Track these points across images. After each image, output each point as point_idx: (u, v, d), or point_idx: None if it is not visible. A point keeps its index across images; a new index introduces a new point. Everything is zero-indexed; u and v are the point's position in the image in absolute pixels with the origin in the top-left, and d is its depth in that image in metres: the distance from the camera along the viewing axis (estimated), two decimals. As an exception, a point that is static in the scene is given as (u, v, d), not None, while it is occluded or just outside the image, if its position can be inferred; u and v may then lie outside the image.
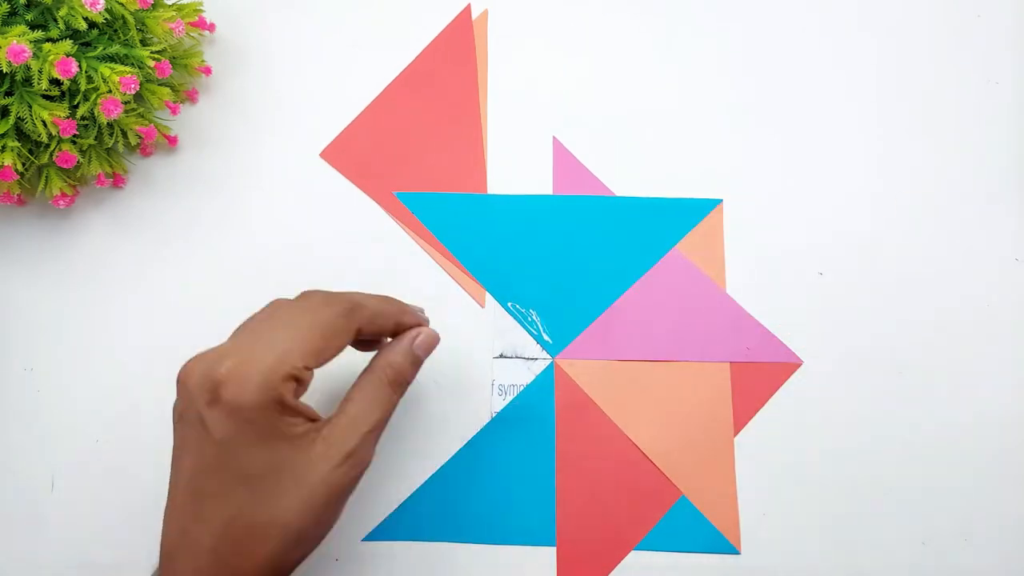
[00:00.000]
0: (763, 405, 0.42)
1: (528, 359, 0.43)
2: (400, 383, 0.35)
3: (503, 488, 0.41)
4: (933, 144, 0.47)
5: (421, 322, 0.36)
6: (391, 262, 0.45)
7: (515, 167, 0.46)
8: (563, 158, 0.46)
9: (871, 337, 0.44)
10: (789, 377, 0.43)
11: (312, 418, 0.32)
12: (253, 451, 0.30)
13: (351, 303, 0.33)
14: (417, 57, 0.48)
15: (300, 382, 0.31)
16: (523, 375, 0.43)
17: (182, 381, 0.31)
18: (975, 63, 0.48)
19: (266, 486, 0.30)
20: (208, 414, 0.29)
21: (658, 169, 0.46)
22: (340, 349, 0.32)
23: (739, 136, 0.47)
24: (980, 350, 0.43)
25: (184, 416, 0.31)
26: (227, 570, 0.30)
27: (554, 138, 0.47)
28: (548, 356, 0.43)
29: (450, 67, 0.48)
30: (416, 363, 0.35)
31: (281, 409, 0.30)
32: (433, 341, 0.36)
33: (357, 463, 0.32)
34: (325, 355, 0.32)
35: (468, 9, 0.49)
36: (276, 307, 0.33)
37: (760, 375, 0.43)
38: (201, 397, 0.29)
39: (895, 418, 0.42)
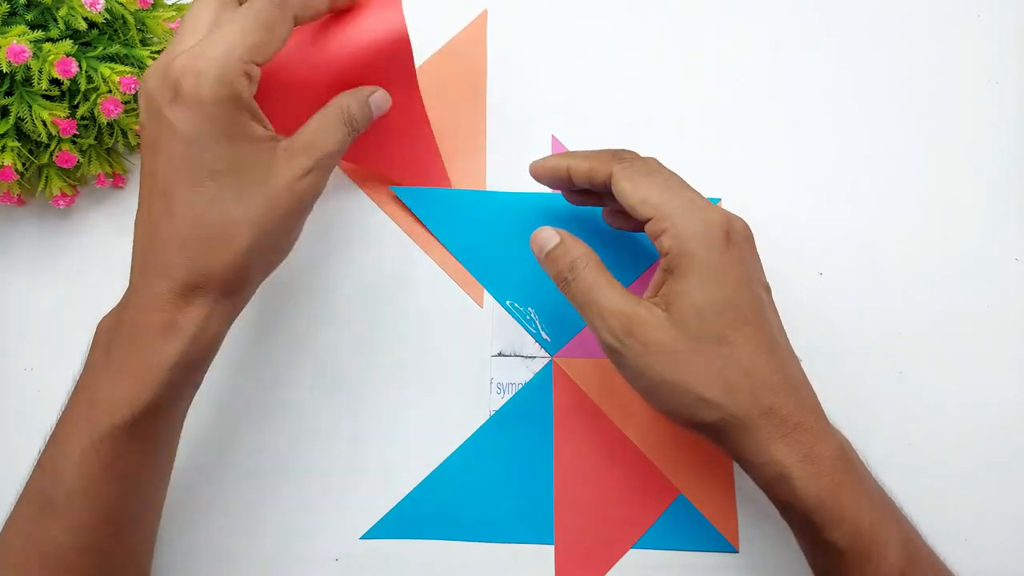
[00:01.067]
0: (763, 405, 0.42)
1: (526, 357, 0.43)
2: (352, 125, 0.36)
3: (501, 486, 0.41)
4: (933, 144, 0.47)
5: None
6: (388, 259, 0.45)
7: (515, 168, 0.46)
8: None
9: (871, 337, 0.44)
10: (789, 377, 0.43)
11: (268, 128, 0.34)
12: (218, 147, 0.31)
13: None
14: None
15: (251, 78, 0.32)
16: (521, 373, 0.43)
17: (142, 88, 0.32)
18: (975, 63, 0.48)
19: (233, 182, 0.31)
20: (171, 112, 0.30)
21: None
22: (282, 40, 0.33)
23: (739, 136, 0.47)
24: (980, 350, 0.43)
25: (148, 122, 0.32)
26: (196, 266, 0.31)
27: (552, 136, 0.47)
28: (547, 354, 0.43)
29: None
30: (367, 116, 0.37)
31: (239, 105, 0.31)
32: (386, 102, 0.38)
33: (314, 181, 0.34)
34: (269, 47, 0.32)
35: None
36: (206, 5, 0.34)
37: (760, 375, 0.43)
38: (163, 97, 0.31)
39: (895, 418, 0.42)
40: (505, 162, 0.46)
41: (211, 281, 0.32)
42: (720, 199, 0.45)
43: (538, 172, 0.39)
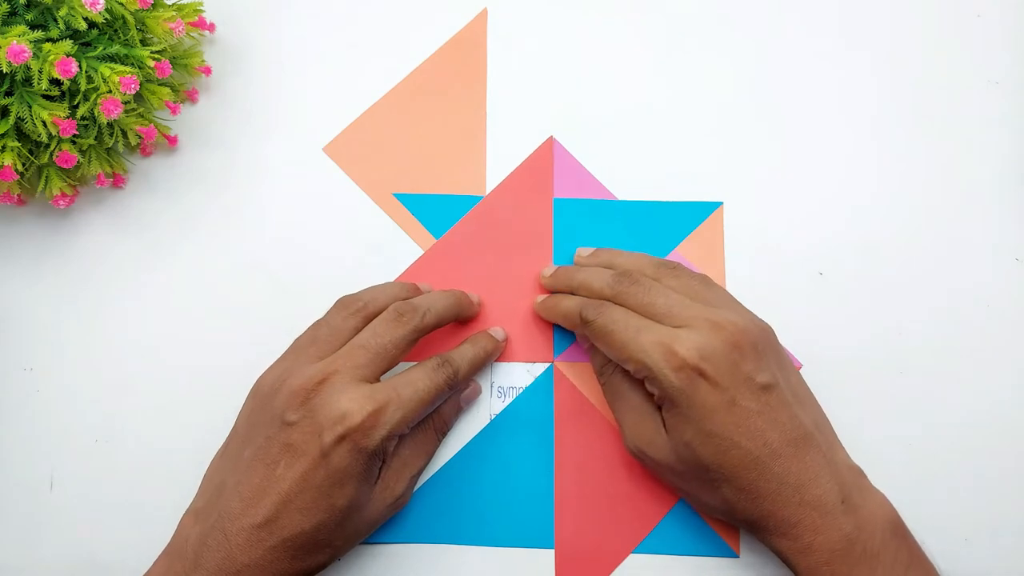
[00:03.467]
0: (763, 405, 0.42)
1: (527, 362, 0.43)
2: (444, 431, 0.41)
3: (502, 490, 0.41)
4: (933, 144, 0.47)
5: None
6: (391, 263, 0.45)
7: (513, 168, 0.46)
8: (564, 161, 0.46)
9: (871, 337, 0.44)
10: (789, 377, 0.43)
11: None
12: (347, 487, 0.35)
13: (454, 372, 0.38)
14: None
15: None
16: (522, 377, 0.43)
17: (313, 407, 0.35)
18: (975, 63, 0.48)
19: (342, 518, 0.35)
20: (332, 447, 0.34)
21: (658, 172, 0.46)
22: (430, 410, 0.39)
23: (739, 138, 0.47)
24: (980, 350, 0.43)
25: (298, 433, 0.35)
26: (268, 569, 0.34)
27: (554, 139, 0.47)
28: (548, 359, 0.43)
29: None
30: (459, 413, 0.42)
31: (380, 459, 0.36)
32: (476, 395, 0.42)
33: (399, 504, 0.39)
34: (421, 418, 0.38)
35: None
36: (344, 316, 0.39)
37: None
38: (331, 431, 0.34)
39: (895, 418, 0.42)
40: (505, 162, 0.46)
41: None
42: (721, 202, 0.45)
43: (541, 312, 0.43)
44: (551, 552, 0.40)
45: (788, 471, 0.35)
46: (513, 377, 0.43)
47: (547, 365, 0.43)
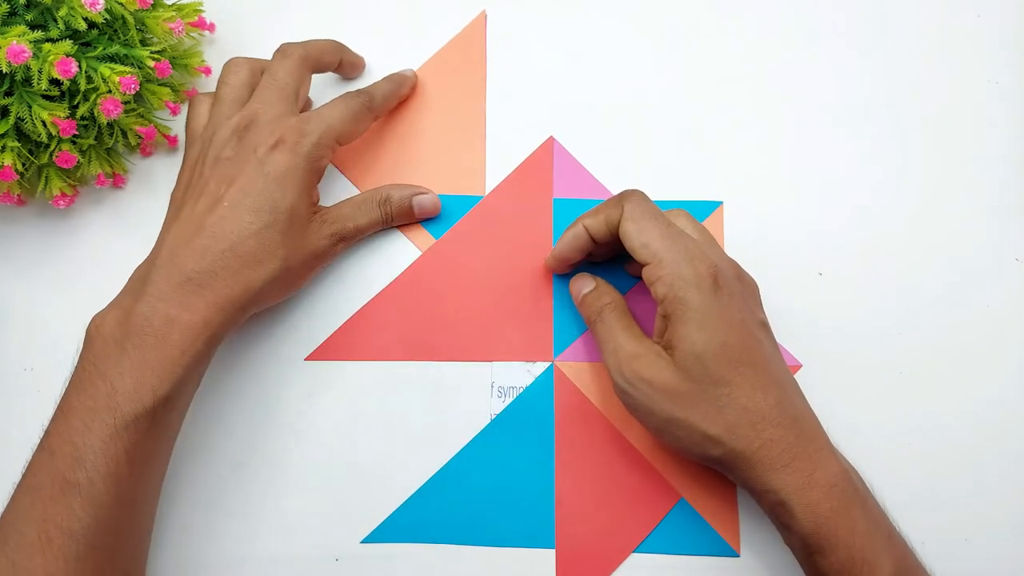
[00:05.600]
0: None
1: (528, 361, 0.43)
2: (386, 211, 0.43)
3: (502, 490, 0.41)
4: (933, 144, 0.47)
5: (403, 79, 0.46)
6: (390, 263, 0.45)
7: (513, 168, 0.46)
8: (564, 161, 0.46)
9: (871, 337, 0.44)
10: (789, 377, 0.43)
11: (317, 198, 0.42)
12: (287, 194, 0.38)
13: (369, 97, 0.43)
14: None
15: (331, 154, 0.41)
16: (523, 377, 0.43)
17: (245, 138, 0.39)
18: (975, 63, 0.48)
19: (283, 224, 0.38)
20: (267, 155, 0.38)
21: (658, 172, 0.46)
22: (363, 131, 0.43)
23: (739, 138, 0.47)
24: (980, 350, 0.43)
25: (233, 159, 0.38)
26: (226, 277, 0.36)
27: (553, 139, 0.47)
28: (548, 358, 0.43)
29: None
30: (405, 211, 0.44)
31: (317, 171, 0.40)
32: (433, 207, 0.44)
33: (334, 247, 0.42)
34: (351, 137, 0.42)
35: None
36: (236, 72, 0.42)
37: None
38: (264, 144, 0.38)
39: (895, 418, 0.42)
40: (504, 163, 0.46)
41: (233, 293, 0.36)
42: (721, 202, 0.45)
43: (561, 252, 0.41)
44: (552, 552, 0.40)
45: (790, 402, 0.35)
46: (513, 377, 0.43)
47: (547, 365, 0.43)
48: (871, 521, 0.34)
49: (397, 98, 0.46)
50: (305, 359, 0.43)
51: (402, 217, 0.44)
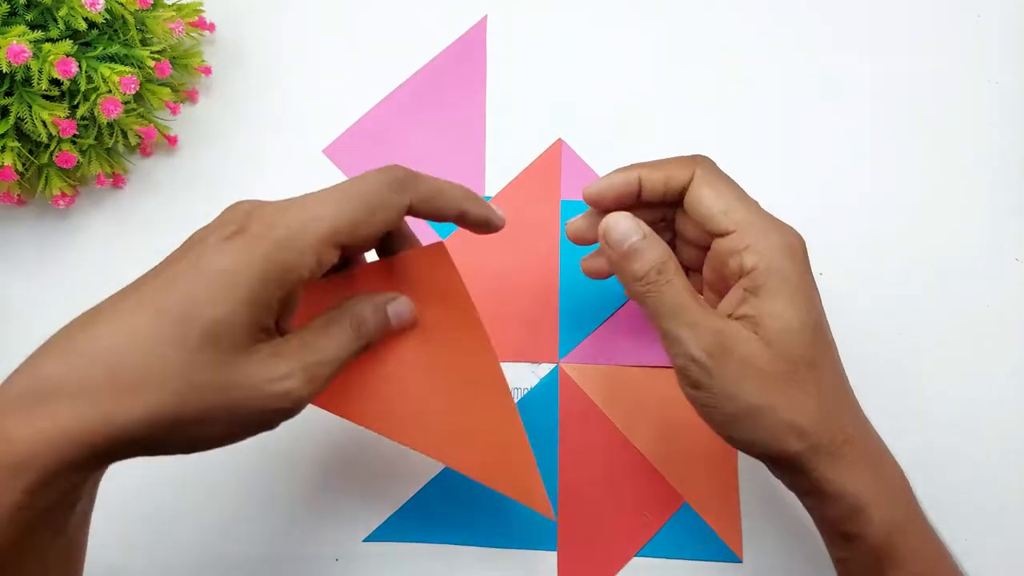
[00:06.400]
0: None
1: (533, 363, 0.43)
2: (361, 331, 0.31)
3: (505, 491, 0.41)
4: (933, 144, 0.47)
5: (489, 217, 0.33)
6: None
7: (514, 171, 0.46)
8: (571, 163, 0.46)
9: (871, 337, 0.44)
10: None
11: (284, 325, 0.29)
12: (220, 303, 0.26)
13: (406, 173, 0.30)
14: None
15: (320, 264, 0.28)
16: (528, 378, 0.43)
17: (222, 214, 0.28)
18: (975, 63, 0.48)
19: (196, 344, 0.26)
20: (217, 244, 0.27)
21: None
22: (384, 226, 0.29)
23: (739, 136, 0.47)
24: (980, 350, 0.43)
25: (202, 231, 0.28)
26: (74, 395, 0.25)
27: (562, 141, 0.47)
28: (553, 360, 0.43)
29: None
30: (382, 327, 0.32)
31: (282, 285, 0.27)
32: (409, 315, 0.33)
33: (289, 388, 0.28)
34: (363, 230, 0.28)
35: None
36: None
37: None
38: (229, 225, 0.27)
39: (895, 419, 0.42)
40: (504, 165, 0.46)
41: (81, 423, 0.25)
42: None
43: (602, 191, 0.35)
44: (554, 554, 0.40)
45: (853, 397, 0.33)
46: (518, 378, 0.43)
47: (552, 366, 0.43)
48: (933, 530, 0.31)
49: (458, 216, 0.33)
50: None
51: (378, 336, 0.32)
